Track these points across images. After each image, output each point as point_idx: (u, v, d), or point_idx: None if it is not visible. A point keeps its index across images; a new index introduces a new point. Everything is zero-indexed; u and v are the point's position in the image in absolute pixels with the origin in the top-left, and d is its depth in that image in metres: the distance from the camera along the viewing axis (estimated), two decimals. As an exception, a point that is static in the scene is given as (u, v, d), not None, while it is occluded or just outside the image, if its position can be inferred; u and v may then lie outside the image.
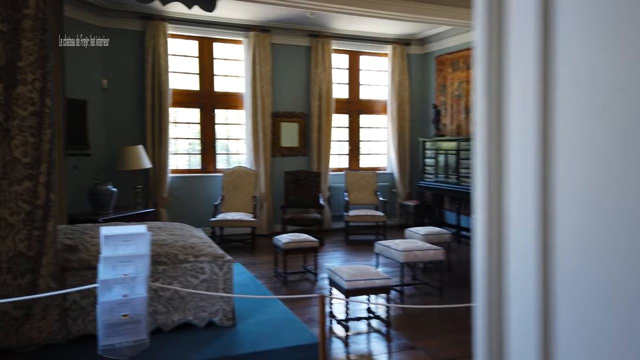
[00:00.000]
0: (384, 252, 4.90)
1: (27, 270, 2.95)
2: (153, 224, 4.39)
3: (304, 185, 7.75)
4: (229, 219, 6.86)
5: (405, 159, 8.84)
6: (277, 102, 8.03)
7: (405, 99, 8.74)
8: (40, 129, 2.97)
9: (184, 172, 7.72)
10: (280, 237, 5.33)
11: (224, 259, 3.56)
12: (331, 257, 6.52)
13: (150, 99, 7.11)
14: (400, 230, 8.40)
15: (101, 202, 5.95)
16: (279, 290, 4.95)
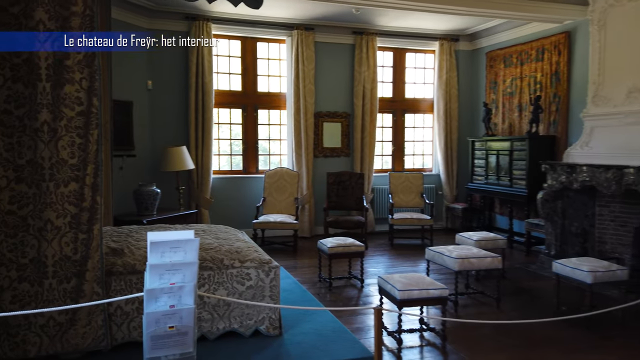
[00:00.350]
0: (436, 259, 4.62)
1: (73, 274, 2.88)
2: (198, 226, 4.30)
3: (346, 187, 7.54)
4: (271, 221, 6.73)
5: (452, 160, 8.47)
6: (319, 102, 7.86)
7: (453, 97, 8.38)
8: (87, 130, 2.90)
9: (225, 173, 7.67)
10: (324, 241, 5.14)
11: (271, 264, 3.40)
12: (375, 262, 6.28)
13: (194, 99, 7.08)
14: (446, 235, 8.07)
15: (145, 203, 5.94)
16: (324, 297, 4.75)
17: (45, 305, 2.81)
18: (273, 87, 7.83)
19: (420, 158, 8.76)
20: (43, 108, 2.79)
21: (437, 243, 7.29)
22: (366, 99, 7.92)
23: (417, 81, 8.57)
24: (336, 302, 4.62)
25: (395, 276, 3.68)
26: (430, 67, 8.55)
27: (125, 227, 4.13)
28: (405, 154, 8.60)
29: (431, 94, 8.58)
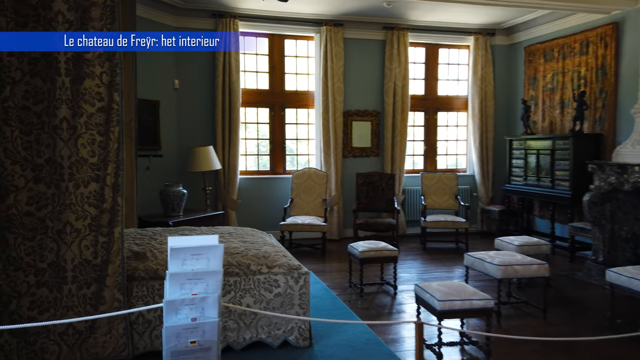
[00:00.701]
0: (475, 266, 4.31)
1: (93, 279, 2.72)
2: (223, 228, 4.12)
3: (377, 188, 7.27)
4: (299, 223, 6.52)
5: (487, 160, 8.09)
6: (348, 100, 7.62)
7: (488, 94, 8.00)
8: (108, 127, 2.74)
9: (252, 173, 7.51)
10: (355, 244, 4.90)
11: (300, 270, 3.18)
12: (408, 267, 5.99)
13: (220, 98, 6.94)
14: (482, 238, 7.70)
15: (172, 204, 5.82)
16: (355, 304, 4.50)
17: (64, 312, 2.67)
18: (301, 85, 7.64)
19: (453, 158, 8.41)
20: (62, 104, 2.65)
21: (473, 247, 6.95)
22: (397, 97, 7.63)
23: (451, 78, 8.23)
24: (368, 309, 4.37)
25: (434, 284, 3.41)
26: (465, 63, 8.19)
27: (149, 229, 3.98)
28: (438, 154, 8.26)
29: (465, 91, 8.22)
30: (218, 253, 1.91)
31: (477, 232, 8.15)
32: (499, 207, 7.76)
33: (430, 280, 5.27)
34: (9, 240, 2.58)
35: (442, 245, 7.22)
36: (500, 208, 7.73)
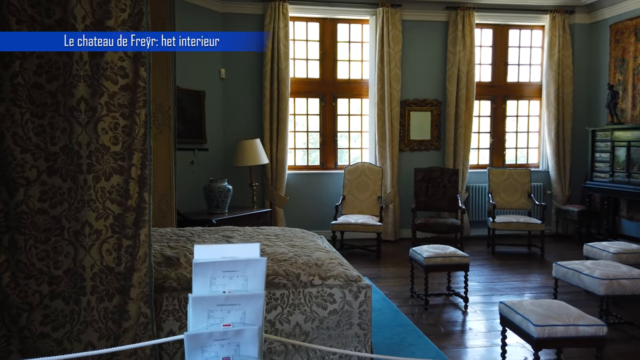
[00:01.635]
0: (568, 278, 3.59)
1: (116, 290, 2.29)
2: (270, 229, 3.63)
3: (437, 184, 6.58)
4: (352, 222, 5.96)
5: (565, 154, 7.18)
6: (406, 88, 6.96)
7: (567, 79, 7.09)
8: (133, 109, 2.29)
9: (301, 168, 7.02)
10: (419, 249, 4.28)
11: (360, 283, 2.62)
12: (476, 274, 5.28)
13: (268, 88, 6.49)
14: (556, 242, 6.85)
15: (216, 201, 5.43)
16: (419, 318, 3.89)
17: (82, 328, 2.25)
18: (354, 73, 7.06)
19: (523, 152, 7.56)
20: (80, 81, 2.23)
21: (549, 252, 6.14)
22: (461, 84, 6.89)
23: (522, 62, 7.37)
24: (435, 326, 3.74)
25: (526, 304, 2.75)
26: (538, 45, 7.32)
27: (187, 229, 3.55)
28: (506, 147, 7.44)
29: (538, 78, 7.35)
30: (259, 269, 1.39)
31: (552, 234, 7.27)
32: (579, 207, 6.85)
33: (504, 292, 4.58)
34: (19, 242, 2.19)
35: (513, 249, 6.44)
36: (580, 208, 6.82)
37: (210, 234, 3.29)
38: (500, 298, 4.39)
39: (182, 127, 5.87)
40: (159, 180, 3.72)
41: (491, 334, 3.56)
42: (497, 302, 4.28)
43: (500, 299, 4.37)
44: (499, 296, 4.48)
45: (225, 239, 3.15)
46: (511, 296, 4.51)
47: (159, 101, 3.78)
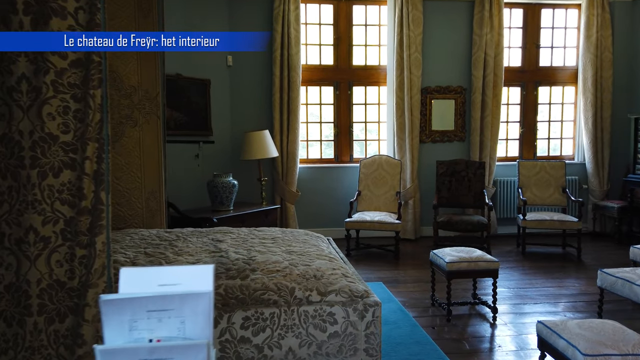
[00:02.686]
0: (617, 288, 3.06)
1: (68, 309, 1.90)
2: (268, 232, 3.19)
3: (462, 178, 6.05)
4: (367, 220, 5.50)
5: (603, 145, 6.55)
6: (427, 75, 6.43)
7: (606, 62, 6.44)
8: (86, 89, 1.89)
9: (314, 162, 6.57)
10: (440, 252, 3.79)
11: (367, 300, 2.17)
12: (504, 279, 4.76)
13: (278, 75, 6.06)
14: (594, 241, 6.26)
15: (220, 197, 5.03)
16: (441, 332, 3.42)
17: (28, 355, 1.87)
18: (371, 59, 6.56)
19: (556, 143, 6.94)
20: (20, 55, 1.83)
21: (587, 253, 5.56)
22: (488, 69, 6.32)
23: (556, 45, 6.74)
24: (459, 342, 3.26)
25: (572, 325, 2.25)
26: (574, 26, 6.68)
27: (176, 230, 3.16)
28: (538, 138, 6.83)
29: (574, 61, 6.71)
30: (202, 306, 0.96)
31: (588, 233, 6.66)
32: (619, 203, 6.22)
33: (538, 300, 4.06)
34: (-51, 252, 1.82)
35: (546, 249, 5.87)
36: (621, 204, 6.19)
37: (199, 237, 2.88)
38: (533, 307, 3.89)
39: (185, 118, 5.51)
40: (146, 176, 3.34)
41: (525, 353, 3.06)
42: (529, 312, 3.80)
43: (533, 308, 3.87)
44: (532, 305, 3.97)
45: (214, 243, 2.74)
46: (546, 305, 3.99)
47: (146, 87, 3.39)
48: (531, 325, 3.52)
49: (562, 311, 3.83)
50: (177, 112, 5.42)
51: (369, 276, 4.76)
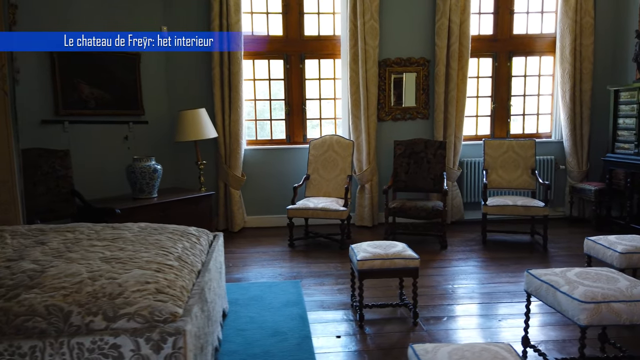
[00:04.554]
0: (541, 295, 2.51)
1: None
2: (134, 227, 2.71)
3: (420, 160, 5.50)
4: (310, 207, 5.00)
5: (582, 121, 5.92)
6: (386, 45, 5.82)
7: (586, 28, 5.75)
8: None
9: (264, 143, 6.05)
10: (357, 247, 3.29)
11: (167, 327, 1.68)
12: (457, 272, 4.26)
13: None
14: (571, 227, 5.71)
15: (140, 184, 4.57)
16: (351, 342, 2.93)
17: None
18: (325, 29, 5.95)
19: (532, 119, 6.30)
20: None
21: (558, 242, 5.02)
22: (453, 38, 5.68)
23: (532, 10, 6.05)
24: (360, 355, 2.78)
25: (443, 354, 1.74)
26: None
27: (39, 225, 2.68)
28: (512, 114, 6.21)
29: (552, 28, 6.03)
30: None
31: (565, 218, 6.09)
32: (597, 185, 5.62)
33: (475, 298, 3.54)
34: None
35: (513, 238, 5.33)
36: (599, 186, 5.59)
37: (24, 238, 2.41)
38: (464, 309, 3.38)
39: (108, 96, 5.03)
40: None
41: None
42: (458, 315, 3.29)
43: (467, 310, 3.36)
44: (466, 305, 3.46)
45: (26, 246, 2.26)
46: (483, 307, 3.48)
47: None
48: (454, 332, 3.03)
49: (500, 316, 3.32)
50: (99, 90, 4.93)
51: (300, 271, 4.29)
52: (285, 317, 2.93)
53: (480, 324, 3.17)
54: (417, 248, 5.02)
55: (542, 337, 2.96)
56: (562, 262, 4.44)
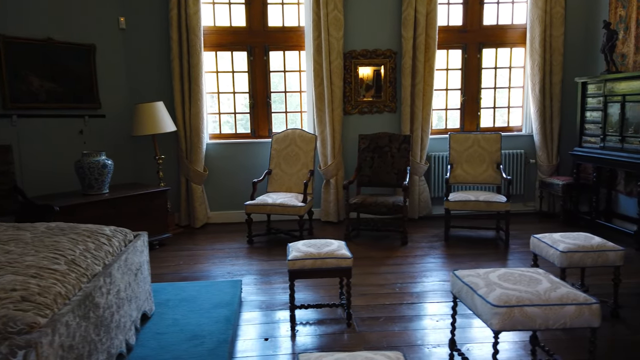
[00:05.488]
0: (462, 297, 2.41)
1: None
2: (29, 228, 2.59)
3: (385, 154, 5.39)
4: (269, 202, 4.89)
5: (552, 114, 5.79)
6: (351, 37, 5.68)
7: (556, 19, 5.61)
8: None
9: (228, 137, 5.93)
10: (294, 245, 3.18)
11: (19, 339, 1.58)
12: (410, 270, 4.15)
13: (176, 39, 5.38)
14: (542, 222, 5.60)
15: (88, 179, 4.46)
16: (261, 349, 2.83)
17: None
18: (289, 19, 5.81)
19: (504, 113, 6.17)
20: None
21: (521, 239, 4.92)
22: (419, 29, 5.54)
23: (503, 0, 5.92)
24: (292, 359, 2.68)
25: None
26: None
27: None
28: (482, 107, 6.07)
29: (523, 18, 5.88)
30: None
31: (536, 213, 5.99)
32: (565, 180, 5.51)
33: (435, 294, 3.44)
34: None
35: (477, 233, 5.23)
36: (567, 181, 5.48)
37: None
38: (404, 308, 3.28)
39: (61, 89, 4.91)
40: None
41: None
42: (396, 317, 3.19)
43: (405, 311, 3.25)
44: (405, 303, 3.36)
45: None
46: (427, 307, 3.38)
47: None
48: (386, 333, 2.92)
49: (438, 316, 3.21)
50: (50, 83, 4.81)
51: (250, 269, 4.20)
52: (211, 319, 2.83)
53: (416, 325, 3.07)
54: (378, 244, 4.97)
55: (470, 340, 2.86)
56: (520, 260, 4.34)
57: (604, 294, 3.35)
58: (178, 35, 5.37)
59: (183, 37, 5.36)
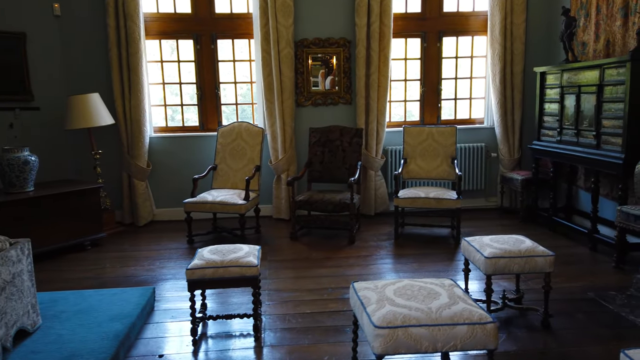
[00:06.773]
0: (357, 312, 2.17)
1: None
2: None
3: (335, 148, 5.13)
4: (209, 200, 4.62)
5: (514, 105, 5.54)
6: (302, 25, 5.39)
7: (517, 5, 5.33)
8: None
9: (175, 130, 5.65)
10: (200, 252, 2.93)
11: None
12: (347, 273, 3.91)
13: (114, 27, 5.08)
14: (501, 219, 5.36)
15: (9, 177, 4.18)
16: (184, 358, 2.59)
17: None
18: (237, 6, 5.51)
19: (465, 104, 5.91)
20: None
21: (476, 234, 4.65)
22: (373, 16, 5.25)
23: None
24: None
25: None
26: (482, -41, 5.52)
27: None
28: (442, 99, 5.80)
29: (486, 5, 5.60)
30: None
31: (497, 208, 5.75)
32: (524, 175, 5.26)
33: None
34: None
35: (430, 231, 4.99)
36: (526, 176, 5.24)
37: None
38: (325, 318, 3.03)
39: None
40: None
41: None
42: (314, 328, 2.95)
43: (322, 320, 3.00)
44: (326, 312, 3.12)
45: None
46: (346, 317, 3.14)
47: None
48: (294, 347, 2.68)
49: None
50: (-27, 74, 4.52)
51: (176, 273, 3.95)
52: (99, 335, 2.58)
53: (331, 337, 2.82)
54: (324, 244, 4.72)
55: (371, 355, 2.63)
56: (466, 261, 4.10)
57: (541, 300, 3.12)
58: (115, 22, 5.07)
59: (121, 24, 5.06)
